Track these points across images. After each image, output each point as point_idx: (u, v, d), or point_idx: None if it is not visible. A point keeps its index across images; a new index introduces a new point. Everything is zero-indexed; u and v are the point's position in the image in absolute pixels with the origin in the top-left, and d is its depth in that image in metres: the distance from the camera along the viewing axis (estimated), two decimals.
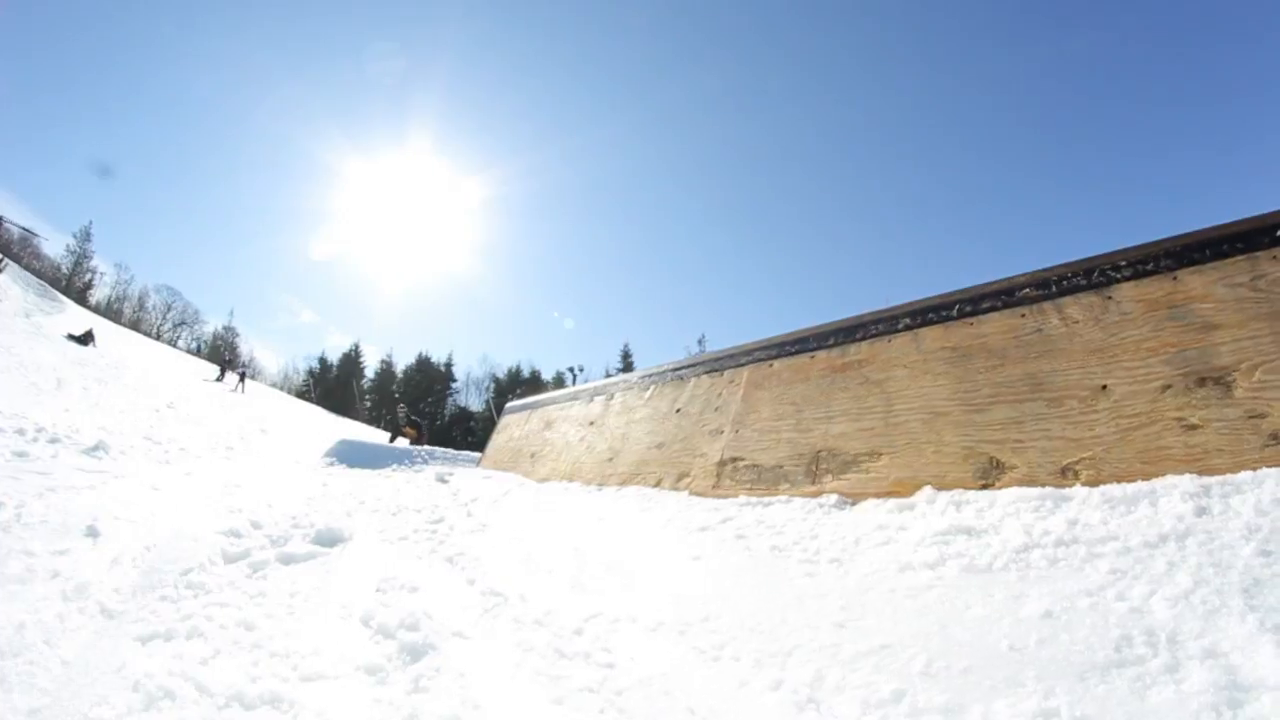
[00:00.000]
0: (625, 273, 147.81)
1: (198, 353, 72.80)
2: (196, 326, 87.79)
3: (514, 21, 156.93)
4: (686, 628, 2.71)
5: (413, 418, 28.38)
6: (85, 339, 25.89)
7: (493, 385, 79.39)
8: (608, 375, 59.20)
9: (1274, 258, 3.02)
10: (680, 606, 2.92)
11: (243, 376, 37.04)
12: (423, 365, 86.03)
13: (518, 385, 74.45)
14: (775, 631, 2.56)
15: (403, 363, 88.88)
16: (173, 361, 38.01)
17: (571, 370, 65.11)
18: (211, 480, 6.18)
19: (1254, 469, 2.71)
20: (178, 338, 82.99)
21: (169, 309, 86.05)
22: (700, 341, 72.41)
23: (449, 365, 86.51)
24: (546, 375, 78.56)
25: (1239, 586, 2.02)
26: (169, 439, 8.90)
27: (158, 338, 70.93)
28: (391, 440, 24.24)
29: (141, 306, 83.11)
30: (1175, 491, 2.71)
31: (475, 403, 79.12)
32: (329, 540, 4.01)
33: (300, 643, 2.58)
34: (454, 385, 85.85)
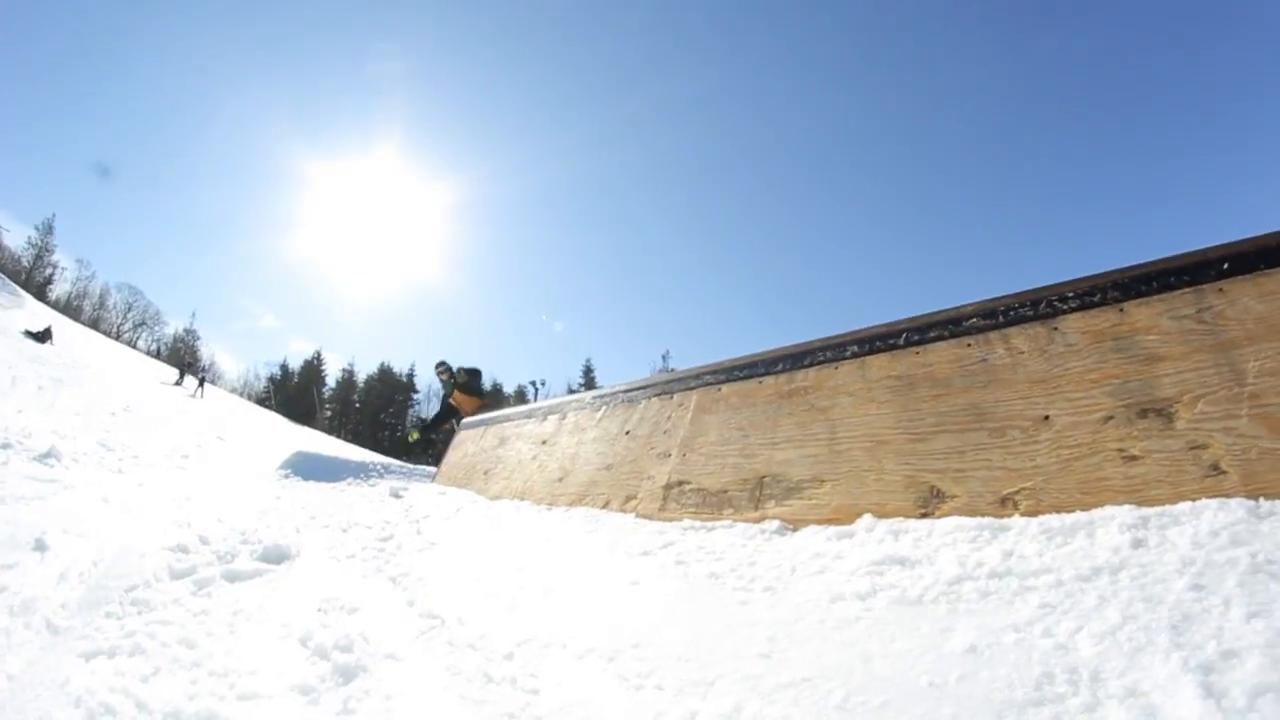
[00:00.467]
0: (592, 285, 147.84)
1: (158, 355, 71.60)
2: (157, 328, 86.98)
3: (481, 30, 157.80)
4: (616, 655, 2.63)
5: (463, 366, 14.83)
6: (43, 336, 25.55)
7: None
8: (569, 390, 59.04)
9: (1220, 290, 3.03)
10: (613, 632, 2.84)
11: (202, 381, 36.61)
12: (385, 375, 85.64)
13: None
14: (702, 660, 2.48)
15: (365, 371, 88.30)
16: (132, 363, 37.62)
17: (533, 384, 64.56)
18: (163, 492, 6.12)
19: (1193, 500, 2.69)
20: (138, 338, 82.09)
21: (130, 308, 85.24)
22: (664, 357, 72.45)
23: (411, 375, 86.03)
24: (509, 389, 77.67)
25: (1168, 623, 1.96)
26: (123, 445, 8.70)
27: (117, 337, 69.92)
28: (434, 423, 15.91)
29: (102, 305, 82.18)
30: (1113, 523, 2.67)
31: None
32: (276, 557, 4.01)
33: (239, 661, 2.60)
34: (415, 396, 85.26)
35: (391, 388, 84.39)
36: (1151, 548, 2.44)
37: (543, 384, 64.48)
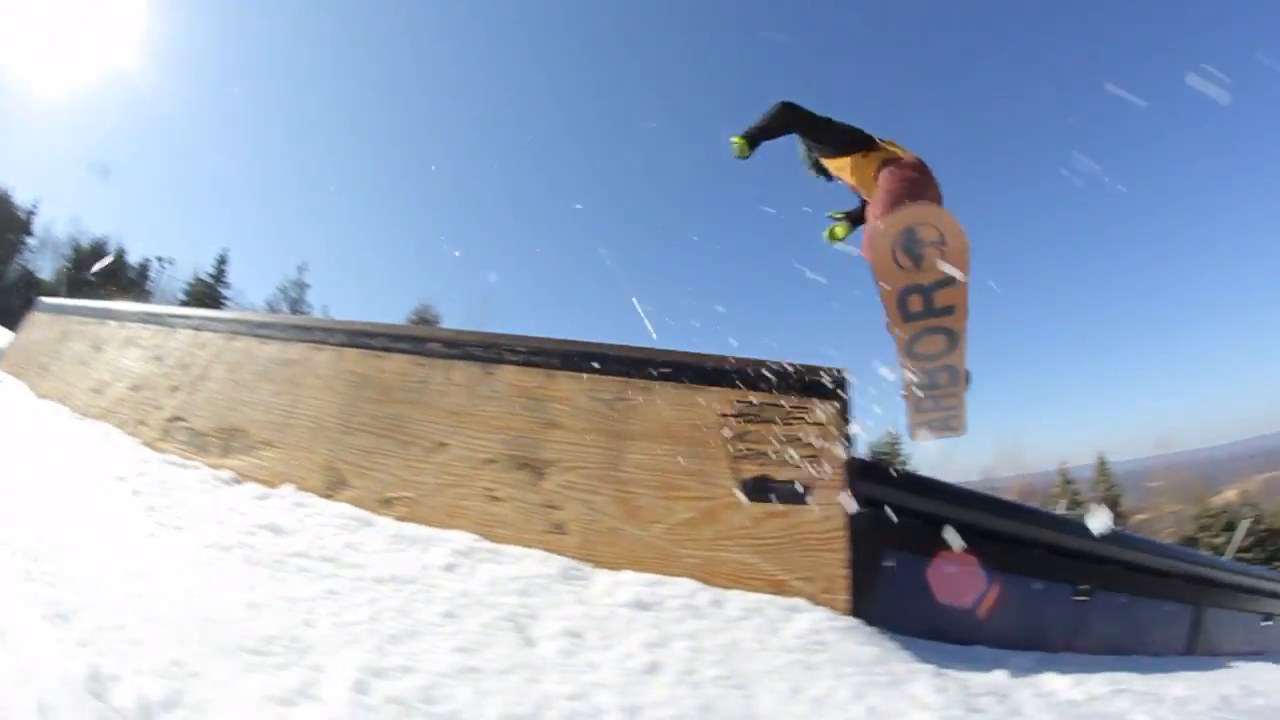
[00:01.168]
0: (255, 164, 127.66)
1: None
2: None
3: None
4: (40, 557, 2.85)
5: None
6: None
7: (73, 254, 60.69)
8: (196, 278, 52.65)
9: (646, 388, 3.53)
10: (40, 537, 3.08)
11: None
12: (1, 202, 61.68)
13: (97, 260, 60.56)
14: (97, 570, 2.79)
15: None
16: None
17: (160, 260, 55.91)
18: None
19: (526, 547, 3.24)
20: None
21: None
22: (299, 269, 63.92)
23: (31, 214, 62.91)
24: (134, 258, 61.65)
25: (361, 619, 2.49)
26: None
27: None
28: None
29: None
30: (449, 545, 3.20)
31: (47, 270, 60.50)
32: None
33: None
34: (29, 240, 62.54)
35: (4, 222, 60.71)
36: (457, 572, 3.00)
37: (172, 263, 56.22)
